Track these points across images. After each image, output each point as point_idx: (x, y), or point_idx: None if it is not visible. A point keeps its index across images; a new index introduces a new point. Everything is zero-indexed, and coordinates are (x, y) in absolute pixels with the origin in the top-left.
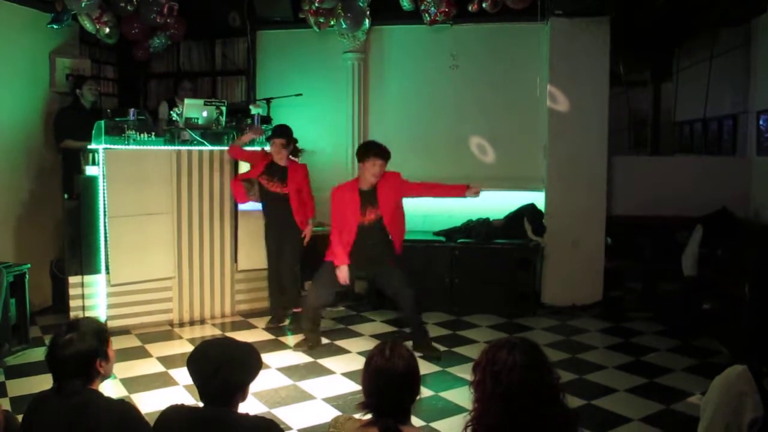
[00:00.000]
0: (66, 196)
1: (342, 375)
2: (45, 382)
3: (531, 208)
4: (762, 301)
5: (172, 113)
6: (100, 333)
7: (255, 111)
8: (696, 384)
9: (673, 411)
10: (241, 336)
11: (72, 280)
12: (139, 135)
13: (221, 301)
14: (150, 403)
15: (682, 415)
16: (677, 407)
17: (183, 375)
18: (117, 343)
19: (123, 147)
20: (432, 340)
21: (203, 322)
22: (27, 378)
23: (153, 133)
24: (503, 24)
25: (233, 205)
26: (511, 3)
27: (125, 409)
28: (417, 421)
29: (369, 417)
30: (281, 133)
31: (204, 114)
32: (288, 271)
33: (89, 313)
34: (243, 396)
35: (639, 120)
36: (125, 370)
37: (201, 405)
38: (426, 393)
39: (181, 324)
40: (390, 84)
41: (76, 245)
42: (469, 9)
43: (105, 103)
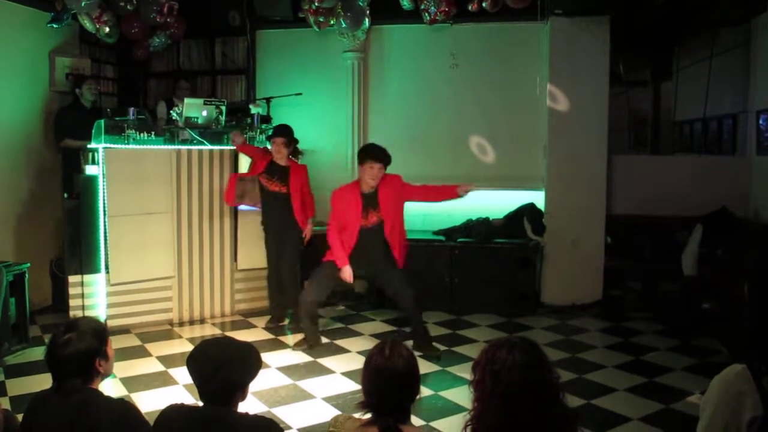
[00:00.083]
0: (66, 195)
1: (342, 374)
2: (45, 381)
3: (531, 207)
4: (762, 301)
5: (171, 112)
6: (99, 332)
7: (255, 110)
8: (695, 383)
9: (673, 410)
10: (241, 335)
11: (72, 279)
12: (139, 134)
13: (221, 301)
14: (150, 403)
15: (681, 415)
16: (677, 406)
17: (183, 374)
18: (117, 343)
19: (123, 146)
20: (432, 339)
21: (203, 321)
22: (27, 377)
23: (153, 133)
24: (503, 23)
25: None
26: (511, 2)
27: (125, 409)
28: (417, 421)
29: (369, 416)
30: (282, 132)
31: (204, 113)
32: (288, 271)
33: (89, 313)
34: (243, 395)
35: (639, 119)
36: (125, 369)
37: (201, 404)
38: (426, 392)
39: (181, 323)
40: (390, 83)
41: (75, 244)
42: (469, 8)
43: (105, 103)
